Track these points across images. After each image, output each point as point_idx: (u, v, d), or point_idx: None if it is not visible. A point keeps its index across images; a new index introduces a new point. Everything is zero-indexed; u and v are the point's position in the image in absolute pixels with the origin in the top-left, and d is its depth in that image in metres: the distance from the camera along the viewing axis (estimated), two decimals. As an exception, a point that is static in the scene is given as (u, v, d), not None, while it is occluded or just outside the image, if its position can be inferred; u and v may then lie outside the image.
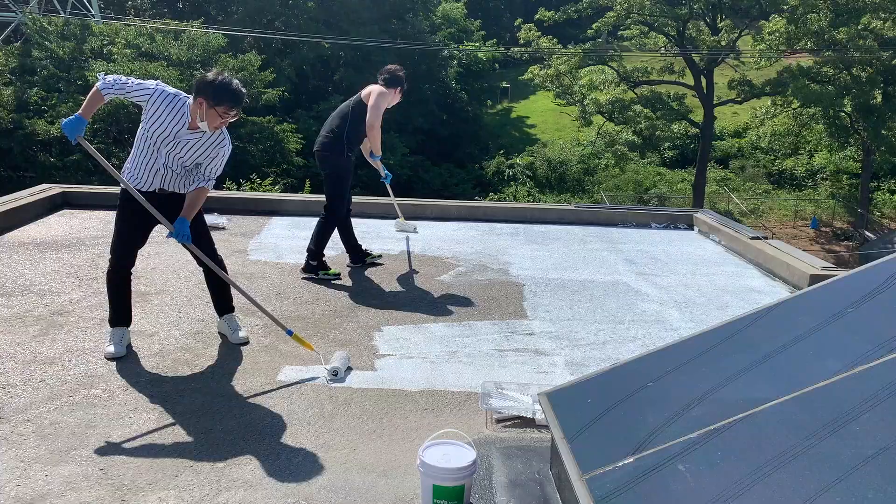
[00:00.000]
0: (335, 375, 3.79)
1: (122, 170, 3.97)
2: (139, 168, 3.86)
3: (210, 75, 3.73)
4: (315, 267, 5.44)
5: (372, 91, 5.41)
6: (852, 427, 2.13)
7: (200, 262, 4.10)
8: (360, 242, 5.84)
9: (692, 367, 2.73)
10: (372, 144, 5.57)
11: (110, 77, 3.75)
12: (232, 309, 4.28)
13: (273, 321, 4.14)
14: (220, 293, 4.24)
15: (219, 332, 4.32)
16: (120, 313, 4.01)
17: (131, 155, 3.90)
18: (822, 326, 2.71)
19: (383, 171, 6.12)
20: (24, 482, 2.77)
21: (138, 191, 3.84)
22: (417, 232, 6.93)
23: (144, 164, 3.84)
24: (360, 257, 5.78)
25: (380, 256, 5.93)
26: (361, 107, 5.40)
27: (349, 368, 3.91)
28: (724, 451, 2.24)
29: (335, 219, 5.54)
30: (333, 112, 5.60)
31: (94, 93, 3.72)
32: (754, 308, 3.03)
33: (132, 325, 4.27)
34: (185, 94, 3.83)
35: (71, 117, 3.67)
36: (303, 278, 5.39)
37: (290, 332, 4.05)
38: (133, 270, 4.02)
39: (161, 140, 3.77)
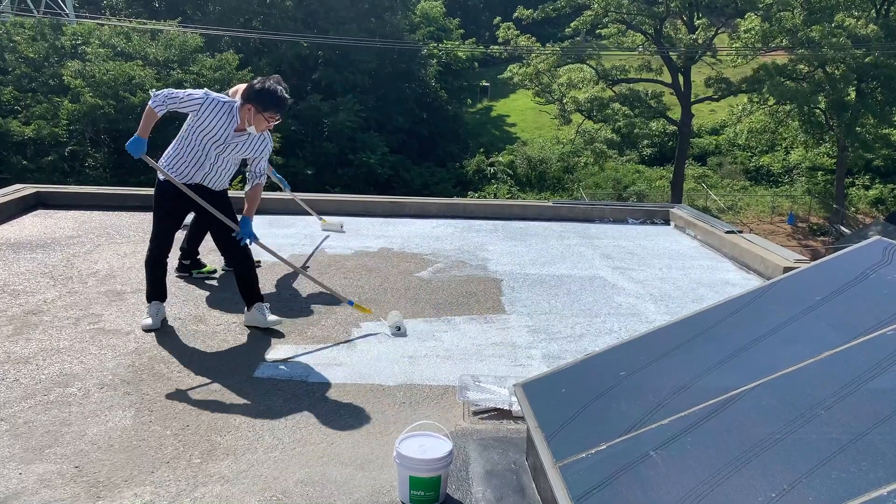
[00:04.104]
0: (398, 330, 4.38)
1: (160, 161, 4.22)
2: (184, 164, 4.19)
3: (257, 84, 4.05)
4: (189, 266, 5.30)
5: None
6: (818, 411, 2.18)
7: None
8: (200, 255, 5.41)
9: (662, 356, 2.77)
10: None
11: (160, 92, 4.02)
12: (261, 298, 4.42)
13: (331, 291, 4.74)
14: (249, 284, 4.38)
15: (245, 325, 4.41)
16: (156, 289, 4.34)
17: (174, 151, 4.21)
18: (790, 314, 2.77)
19: None
20: (-3, 481, 2.76)
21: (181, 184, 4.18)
22: (344, 231, 6.79)
23: (189, 161, 4.19)
24: (189, 266, 5.34)
25: (214, 272, 5.39)
26: None
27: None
28: (694, 436, 2.29)
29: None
30: None
31: (147, 111, 4.05)
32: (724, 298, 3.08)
33: (109, 324, 4.29)
34: (233, 100, 4.16)
35: (132, 138, 4.04)
36: (177, 276, 5.21)
37: (350, 303, 4.65)
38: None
39: (211, 144, 4.14)
